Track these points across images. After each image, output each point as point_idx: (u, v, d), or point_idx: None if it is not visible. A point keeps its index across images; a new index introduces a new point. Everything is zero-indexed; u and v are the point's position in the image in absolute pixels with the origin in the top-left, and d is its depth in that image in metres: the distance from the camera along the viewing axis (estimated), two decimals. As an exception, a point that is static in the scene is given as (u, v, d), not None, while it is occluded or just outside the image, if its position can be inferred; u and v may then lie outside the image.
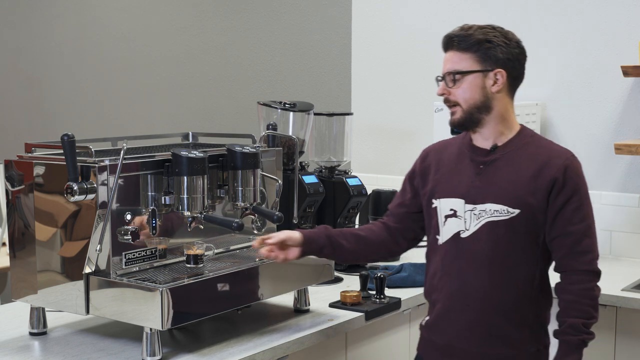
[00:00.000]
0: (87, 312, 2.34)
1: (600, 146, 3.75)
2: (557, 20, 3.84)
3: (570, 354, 2.27)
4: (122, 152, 2.30)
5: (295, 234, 2.42)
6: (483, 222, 2.29)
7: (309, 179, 3.27)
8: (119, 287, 2.29)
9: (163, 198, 2.43)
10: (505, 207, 2.27)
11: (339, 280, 3.16)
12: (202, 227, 2.52)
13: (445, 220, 2.36)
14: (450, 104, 2.34)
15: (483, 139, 2.36)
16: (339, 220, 3.41)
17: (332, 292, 2.96)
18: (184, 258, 2.47)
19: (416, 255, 3.58)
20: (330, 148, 3.61)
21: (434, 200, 2.39)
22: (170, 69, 5.36)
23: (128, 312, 2.28)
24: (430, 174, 2.43)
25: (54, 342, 2.44)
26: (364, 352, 2.88)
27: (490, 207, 2.28)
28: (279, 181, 2.78)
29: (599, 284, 2.30)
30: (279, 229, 2.88)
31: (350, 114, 3.71)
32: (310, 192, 3.23)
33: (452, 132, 3.57)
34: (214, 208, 2.61)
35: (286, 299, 2.81)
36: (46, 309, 2.51)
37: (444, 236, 2.36)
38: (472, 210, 2.31)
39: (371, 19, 4.43)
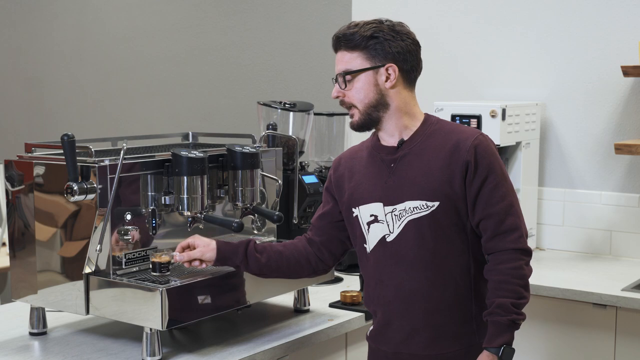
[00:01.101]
0: (87, 312, 2.34)
1: (600, 146, 3.75)
2: (557, 20, 3.83)
3: (499, 334, 2.15)
4: (122, 152, 2.30)
5: (209, 252, 2.34)
6: (405, 222, 2.21)
7: (309, 179, 3.27)
8: (119, 287, 2.29)
9: (163, 198, 2.43)
10: (423, 202, 2.19)
11: (339, 280, 3.16)
12: (202, 227, 2.52)
13: (369, 227, 2.28)
14: (347, 106, 2.27)
15: (389, 137, 2.28)
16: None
17: (332, 292, 2.96)
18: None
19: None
20: (330, 148, 3.61)
21: (353, 210, 2.31)
22: (170, 69, 5.35)
23: (128, 312, 2.28)
24: (345, 183, 2.36)
25: (54, 342, 2.45)
26: (364, 352, 2.87)
27: (408, 204, 2.21)
28: (279, 181, 2.78)
29: (530, 263, 2.22)
30: (278, 228, 2.88)
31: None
32: (310, 192, 3.23)
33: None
34: (214, 208, 2.61)
35: (286, 299, 2.81)
36: (46, 309, 2.51)
37: (370, 244, 2.28)
38: (392, 212, 2.23)
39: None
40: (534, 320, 3.24)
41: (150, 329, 2.24)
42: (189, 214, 2.43)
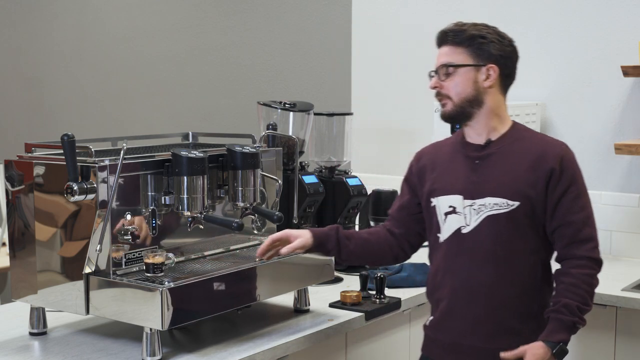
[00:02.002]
0: (87, 312, 2.34)
1: (600, 146, 3.75)
2: (557, 20, 3.84)
3: (559, 331, 2.22)
4: (122, 152, 2.30)
5: (306, 240, 2.44)
6: (483, 217, 2.31)
7: (309, 179, 3.27)
8: (119, 287, 2.29)
9: (163, 198, 2.43)
10: (504, 200, 2.29)
11: (339, 280, 3.16)
12: (202, 227, 2.52)
13: (445, 217, 2.37)
14: (442, 97, 2.37)
15: (476, 135, 2.39)
16: (339, 220, 3.41)
17: (332, 292, 2.96)
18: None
19: (416, 256, 3.58)
20: (330, 148, 3.61)
21: (432, 199, 2.41)
22: (170, 69, 5.35)
23: (128, 312, 2.28)
24: (427, 174, 2.46)
25: (54, 342, 2.44)
26: (364, 352, 2.88)
27: (489, 200, 2.30)
28: (279, 181, 2.78)
29: (599, 275, 2.30)
30: (279, 228, 2.88)
31: (350, 114, 3.71)
32: (310, 192, 3.23)
33: (452, 130, 3.57)
34: (214, 208, 2.61)
35: (286, 299, 2.81)
36: (46, 309, 2.51)
37: (444, 233, 2.38)
38: (471, 206, 2.33)
39: (371, 19, 4.43)
40: (534, 320, 3.24)
41: (150, 329, 2.24)
42: (189, 214, 2.43)
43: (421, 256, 3.59)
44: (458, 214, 2.34)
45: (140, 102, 5.55)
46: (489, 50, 2.32)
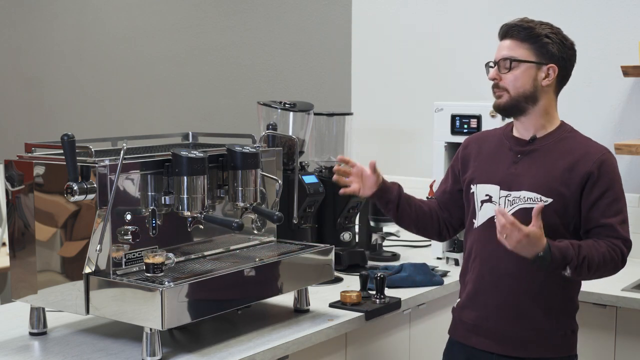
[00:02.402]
0: (87, 312, 2.34)
1: (600, 146, 3.74)
2: (557, 20, 3.82)
3: (559, 252, 2.25)
4: (122, 152, 2.30)
5: (378, 177, 2.61)
6: (517, 208, 2.38)
7: (309, 179, 3.27)
8: (119, 287, 2.29)
9: (163, 198, 2.43)
10: (538, 195, 2.36)
11: (339, 280, 3.16)
12: (202, 227, 2.52)
13: (482, 205, 2.46)
14: (499, 89, 2.43)
15: (524, 130, 2.46)
16: (339, 220, 3.41)
17: (332, 292, 2.96)
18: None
19: (416, 256, 3.59)
20: (330, 148, 3.61)
21: (472, 186, 2.51)
22: (170, 69, 5.35)
23: (128, 312, 2.28)
24: (471, 162, 2.56)
25: (54, 342, 2.44)
26: (364, 352, 2.88)
27: (524, 194, 2.38)
28: (279, 181, 2.78)
29: (618, 270, 2.37)
30: (278, 228, 2.88)
31: (350, 114, 3.71)
32: (310, 192, 3.23)
33: (452, 130, 3.57)
34: (214, 208, 2.61)
35: (286, 299, 2.81)
36: (46, 309, 2.51)
37: (479, 220, 2.47)
38: (506, 197, 2.41)
39: (371, 19, 4.43)
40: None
41: (150, 329, 2.24)
42: (189, 214, 2.43)
43: (422, 256, 3.59)
44: (493, 202, 2.43)
45: (140, 102, 5.55)
46: (552, 51, 2.39)
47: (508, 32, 2.45)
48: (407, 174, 4.21)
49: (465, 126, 3.60)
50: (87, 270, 2.32)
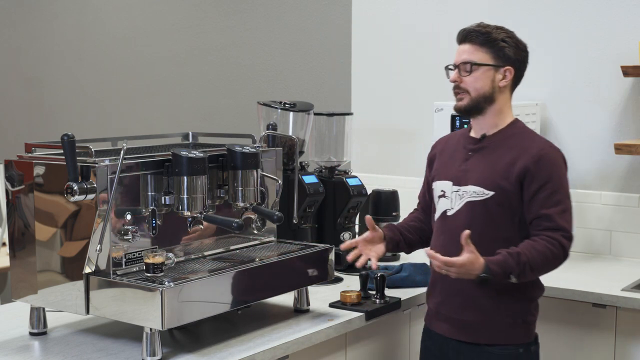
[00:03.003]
0: (87, 312, 2.34)
1: (600, 146, 3.75)
2: (557, 20, 3.84)
3: (498, 266, 2.40)
4: (122, 152, 2.30)
5: (379, 234, 2.72)
6: (464, 202, 2.57)
7: (309, 179, 3.27)
8: (119, 287, 2.29)
9: (163, 198, 2.43)
10: (481, 189, 2.53)
11: (339, 280, 3.16)
12: (202, 227, 2.52)
13: (439, 200, 2.66)
14: (460, 90, 2.59)
15: (480, 129, 2.63)
16: (339, 220, 3.41)
17: (332, 292, 2.96)
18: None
19: (416, 255, 3.58)
20: (330, 148, 3.61)
21: (433, 184, 2.71)
22: (170, 69, 5.35)
23: (128, 312, 2.28)
24: (435, 162, 2.76)
25: (54, 342, 2.45)
26: (364, 352, 2.88)
27: (470, 188, 2.56)
28: (279, 181, 2.78)
29: (559, 266, 2.49)
30: (278, 228, 2.88)
31: (350, 114, 3.71)
32: (310, 192, 3.23)
33: (452, 129, 3.57)
34: (214, 208, 2.61)
35: (286, 299, 2.81)
36: (46, 309, 2.51)
37: (436, 214, 2.67)
38: (457, 191, 2.59)
39: (371, 19, 4.43)
40: (534, 320, 3.24)
41: (150, 329, 2.24)
42: (189, 214, 2.43)
43: (422, 256, 3.59)
44: (447, 198, 2.62)
45: (140, 102, 5.55)
46: (508, 54, 2.56)
47: (467, 37, 2.58)
48: (407, 174, 4.20)
49: (465, 126, 3.59)
50: (87, 270, 2.32)
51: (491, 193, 2.51)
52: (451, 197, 2.60)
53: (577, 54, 3.79)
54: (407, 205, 3.34)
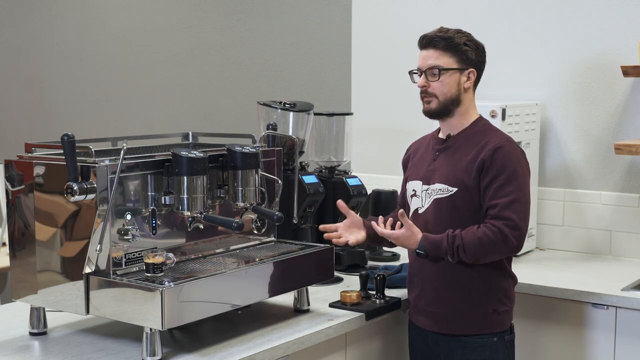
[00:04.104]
0: (87, 312, 2.34)
1: (600, 146, 3.75)
2: (556, 20, 3.84)
3: (434, 244, 2.60)
4: (122, 152, 2.30)
5: (357, 220, 2.86)
6: (432, 199, 2.70)
7: (309, 179, 3.27)
8: (119, 287, 2.29)
9: (163, 198, 2.43)
10: (446, 186, 2.66)
11: (339, 280, 3.16)
12: (202, 227, 2.52)
13: (411, 199, 2.80)
14: (428, 95, 2.70)
15: (447, 129, 2.75)
16: (339, 220, 3.40)
17: (332, 292, 2.96)
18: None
19: (416, 255, 3.57)
20: (330, 148, 3.60)
21: (407, 184, 2.86)
22: (170, 69, 5.35)
23: (128, 312, 2.28)
24: (409, 163, 2.91)
25: (54, 342, 2.45)
26: (364, 352, 2.88)
27: (437, 186, 2.69)
28: (279, 181, 2.78)
29: (500, 252, 2.58)
30: (278, 228, 2.88)
31: (350, 114, 3.71)
32: (310, 192, 3.23)
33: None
34: (214, 208, 2.61)
35: (286, 299, 2.81)
36: (46, 309, 2.51)
37: (410, 213, 2.79)
38: (426, 190, 2.73)
39: (371, 19, 4.42)
40: (533, 320, 3.24)
41: (150, 329, 2.24)
42: (189, 214, 2.43)
43: (421, 256, 3.57)
44: (417, 196, 2.76)
45: (140, 102, 5.55)
46: (470, 57, 2.68)
47: (430, 42, 2.70)
48: (407, 174, 4.20)
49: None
50: (87, 270, 2.32)
51: (455, 189, 2.64)
52: (421, 196, 2.74)
53: (577, 54, 3.79)
54: (407, 205, 3.35)
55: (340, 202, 2.87)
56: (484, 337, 2.68)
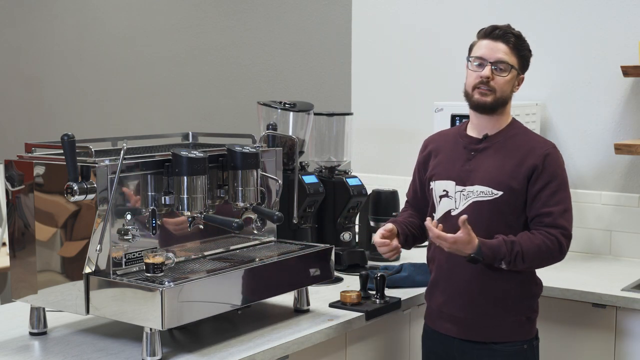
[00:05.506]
0: (87, 312, 2.34)
1: (600, 146, 3.75)
2: (557, 20, 3.84)
3: (491, 250, 2.46)
4: (122, 152, 2.30)
5: (394, 230, 2.71)
6: (470, 202, 2.58)
7: (309, 179, 3.27)
8: (119, 287, 2.29)
9: (163, 198, 2.43)
10: (490, 189, 2.56)
11: (339, 280, 3.16)
12: (202, 227, 2.52)
13: (440, 200, 2.66)
14: (488, 88, 2.57)
15: (482, 128, 2.64)
16: (339, 220, 3.41)
17: (332, 292, 2.96)
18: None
19: (416, 256, 3.58)
20: (330, 148, 3.61)
21: (431, 183, 2.71)
22: (170, 69, 5.35)
23: (128, 312, 2.28)
24: (430, 160, 2.75)
25: (54, 342, 2.45)
26: (364, 352, 2.88)
27: (477, 188, 2.58)
28: (279, 181, 2.78)
29: (555, 261, 2.56)
30: (279, 228, 2.88)
31: (350, 114, 3.71)
32: (310, 192, 3.23)
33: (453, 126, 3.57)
34: (214, 208, 2.61)
35: (286, 299, 2.81)
36: (46, 309, 2.51)
37: (438, 214, 2.66)
38: (461, 191, 2.61)
39: (371, 19, 4.43)
40: (534, 320, 3.24)
41: (150, 329, 2.24)
42: (189, 214, 2.43)
43: (421, 256, 3.58)
44: (450, 197, 2.63)
45: (140, 102, 5.55)
46: (527, 63, 2.66)
47: (503, 36, 2.59)
48: (407, 174, 4.17)
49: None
50: (87, 270, 2.32)
51: (499, 193, 2.54)
52: (455, 197, 2.61)
53: (577, 54, 3.79)
54: (407, 205, 3.34)
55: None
56: (515, 344, 2.60)
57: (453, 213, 2.60)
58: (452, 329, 2.64)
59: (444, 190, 2.65)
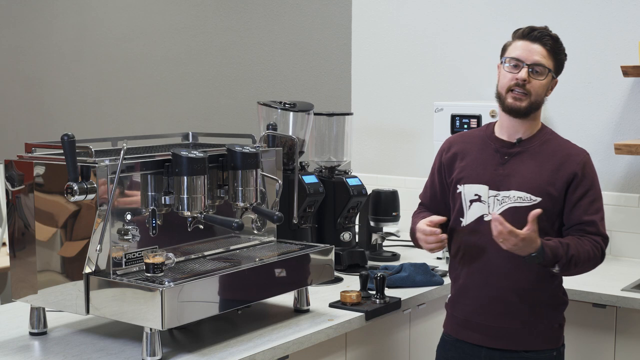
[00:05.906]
0: (87, 312, 2.34)
1: (600, 146, 3.75)
2: (556, 20, 3.83)
3: (550, 251, 2.39)
4: (122, 152, 2.30)
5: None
6: (506, 207, 2.49)
7: (309, 179, 3.27)
8: (119, 287, 2.29)
9: (163, 198, 2.43)
10: (528, 195, 2.47)
11: (339, 280, 3.16)
12: (202, 227, 2.52)
13: (470, 204, 2.55)
14: (523, 91, 2.49)
15: (514, 132, 2.55)
16: (339, 220, 3.41)
17: (332, 292, 2.96)
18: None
19: (416, 256, 3.58)
20: (330, 148, 3.61)
21: (458, 186, 2.58)
22: (170, 69, 5.35)
23: (128, 312, 2.28)
24: (456, 162, 2.63)
25: (54, 342, 2.45)
26: (364, 352, 2.88)
27: (514, 194, 2.49)
28: (279, 181, 2.78)
29: (595, 267, 2.52)
30: (279, 228, 2.88)
31: (350, 114, 3.71)
32: (310, 192, 3.23)
33: (452, 131, 3.56)
34: (214, 208, 2.61)
35: (286, 299, 2.81)
36: (46, 309, 2.51)
37: (468, 219, 2.55)
38: (495, 196, 2.51)
39: (371, 19, 4.43)
40: (534, 320, 3.24)
41: (150, 329, 2.24)
42: (189, 214, 2.43)
43: (421, 256, 3.59)
44: (482, 202, 2.53)
45: (140, 102, 5.55)
46: (562, 68, 2.58)
47: (540, 38, 2.51)
48: (407, 174, 4.21)
49: (465, 126, 3.60)
50: (87, 270, 2.32)
51: (539, 199, 2.46)
52: (488, 202, 2.51)
53: (577, 54, 3.79)
54: (407, 205, 3.35)
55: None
56: (546, 352, 2.55)
57: (486, 218, 2.50)
58: (481, 337, 2.55)
59: (475, 195, 2.54)
